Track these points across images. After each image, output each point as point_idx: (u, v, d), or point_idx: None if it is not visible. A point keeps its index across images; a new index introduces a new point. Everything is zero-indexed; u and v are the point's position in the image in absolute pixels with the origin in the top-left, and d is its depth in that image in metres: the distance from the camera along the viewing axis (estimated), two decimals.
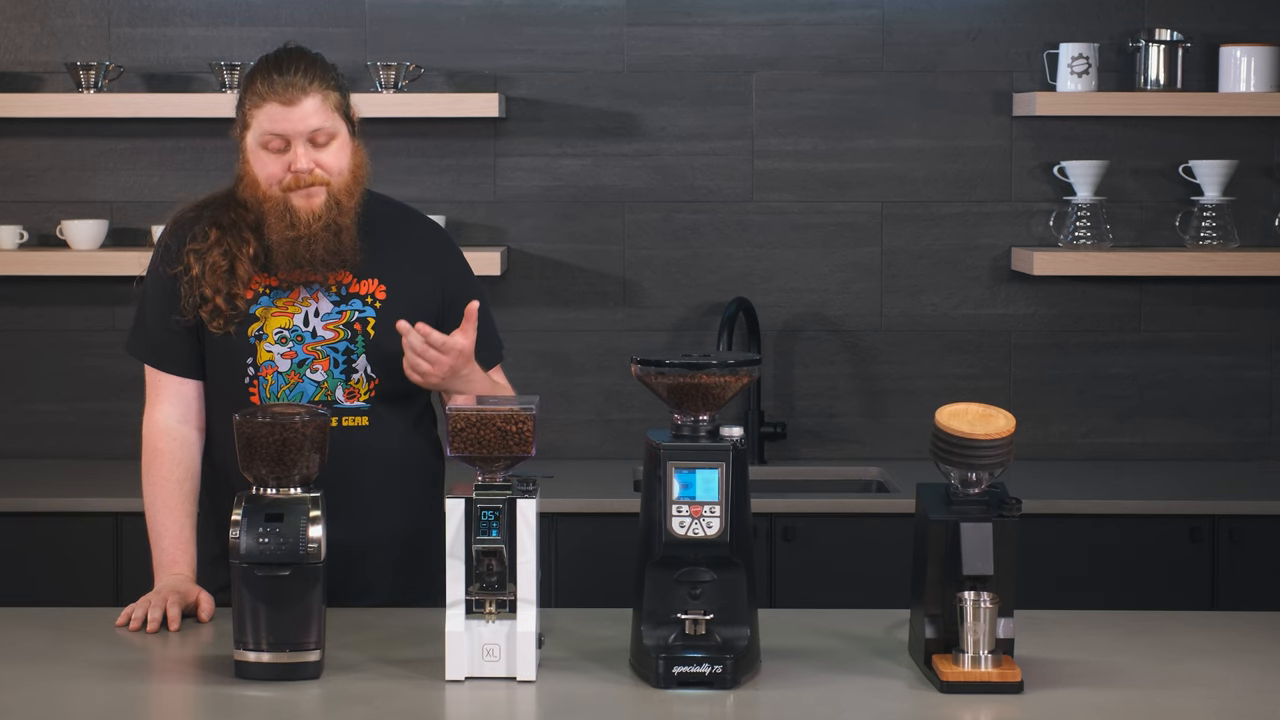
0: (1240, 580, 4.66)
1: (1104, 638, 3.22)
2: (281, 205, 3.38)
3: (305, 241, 3.38)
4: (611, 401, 5.23)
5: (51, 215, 5.15)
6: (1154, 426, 5.24)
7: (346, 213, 3.40)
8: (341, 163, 3.40)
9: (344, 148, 3.41)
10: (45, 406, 5.22)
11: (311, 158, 3.36)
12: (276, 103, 3.35)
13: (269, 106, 3.35)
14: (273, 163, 3.38)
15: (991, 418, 2.95)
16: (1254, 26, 5.15)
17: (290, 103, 3.34)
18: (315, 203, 3.37)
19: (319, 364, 3.43)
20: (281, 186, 3.38)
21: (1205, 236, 5.10)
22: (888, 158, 5.20)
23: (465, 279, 3.58)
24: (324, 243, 3.38)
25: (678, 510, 2.92)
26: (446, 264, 3.56)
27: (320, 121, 3.36)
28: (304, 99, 3.35)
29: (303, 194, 3.37)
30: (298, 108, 3.35)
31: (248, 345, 3.43)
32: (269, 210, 3.39)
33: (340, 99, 3.41)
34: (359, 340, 3.44)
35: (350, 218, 3.41)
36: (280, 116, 3.35)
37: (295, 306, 3.44)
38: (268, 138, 3.37)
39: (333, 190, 3.38)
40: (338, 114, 3.39)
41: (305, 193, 3.37)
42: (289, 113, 3.35)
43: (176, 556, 3.40)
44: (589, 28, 5.17)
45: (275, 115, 3.35)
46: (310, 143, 3.36)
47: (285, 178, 3.37)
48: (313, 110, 3.35)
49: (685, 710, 2.84)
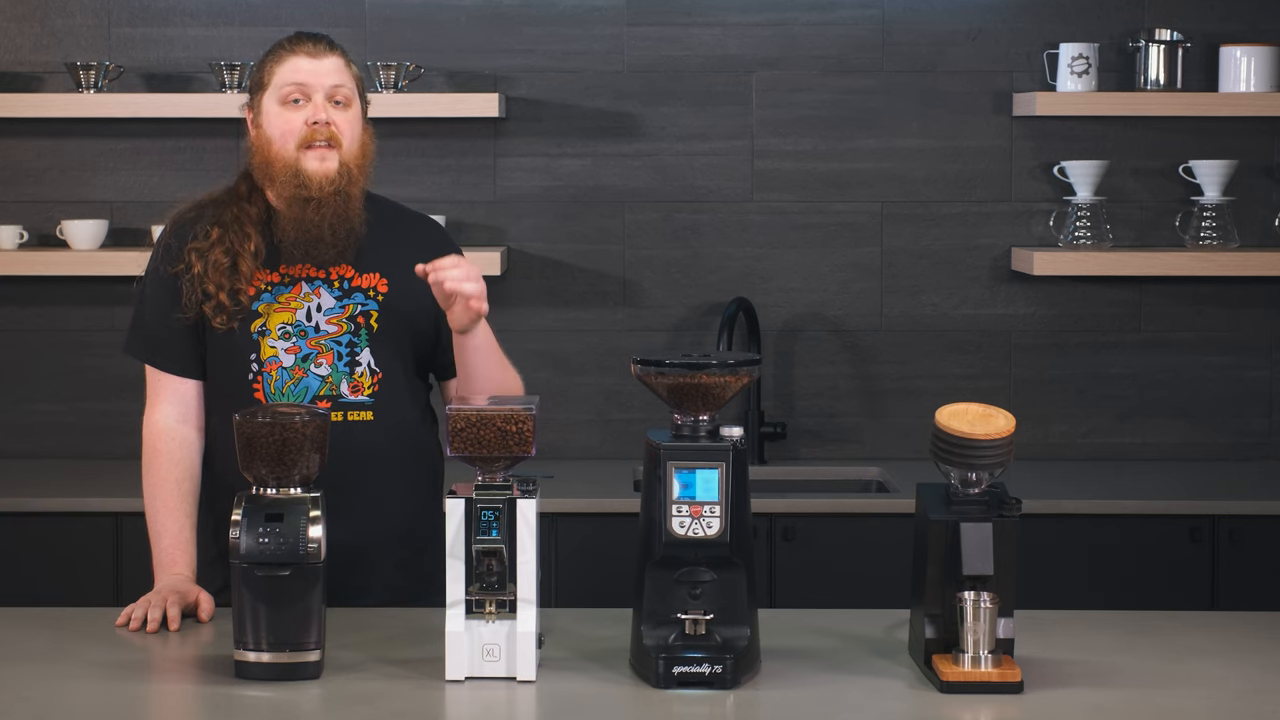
0: (1240, 580, 4.67)
1: (1104, 638, 3.22)
2: (293, 167, 3.39)
3: (315, 204, 3.39)
4: (611, 401, 5.23)
5: (51, 215, 5.15)
6: (1154, 426, 5.24)
7: (356, 184, 3.42)
8: (355, 131, 3.43)
9: (358, 120, 3.45)
10: (45, 406, 5.22)
11: (331, 113, 3.40)
12: (303, 55, 3.42)
13: (294, 59, 3.42)
14: (292, 116, 3.40)
15: (991, 418, 2.95)
16: (1254, 26, 5.15)
17: (315, 55, 3.42)
18: (328, 166, 3.39)
19: (323, 358, 3.43)
20: (297, 143, 3.39)
21: (1205, 236, 5.10)
22: (888, 158, 5.20)
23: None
24: (333, 207, 3.39)
25: (678, 510, 2.92)
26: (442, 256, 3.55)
27: (343, 80, 3.42)
28: (328, 55, 3.43)
29: (316, 155, 3.39)
30: (323, 61, 3.41)
31: (251, 342, 3.43)
32: (279, 172, 3.40)
33: (359, 77, 3.48)
34: (362, 334, 3.44)
35: (359, 191, 3.43)
36: (305, 67, 3.40)
37: (298, 302, 3.44)
38: (289, 89, 3.40)
39: (344, 158, 3.40)
40: (356, 85, 3.45)
41: (319, 154, 3.39)
42: (314, 64, 3.41)
43: (176, 556, 3.40)
44: (589, 28, 5.17)
45: (300, 66, 3.41)
46: (329, 99, 3.40)
47: (302, 132, 3.38)
48: (336, 67, 3.42)
49: (685, 710, 2.84)
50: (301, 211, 3.40)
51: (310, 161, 3.39)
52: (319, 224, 3.40)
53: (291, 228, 3.41)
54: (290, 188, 3.39)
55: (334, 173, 3.39)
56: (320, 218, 3.39)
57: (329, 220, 3.40)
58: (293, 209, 3.41)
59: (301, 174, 3.39)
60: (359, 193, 3.44)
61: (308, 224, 3.40)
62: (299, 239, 3.42)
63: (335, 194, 3.39)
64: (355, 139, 3.43)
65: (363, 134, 3.45)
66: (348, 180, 3.40)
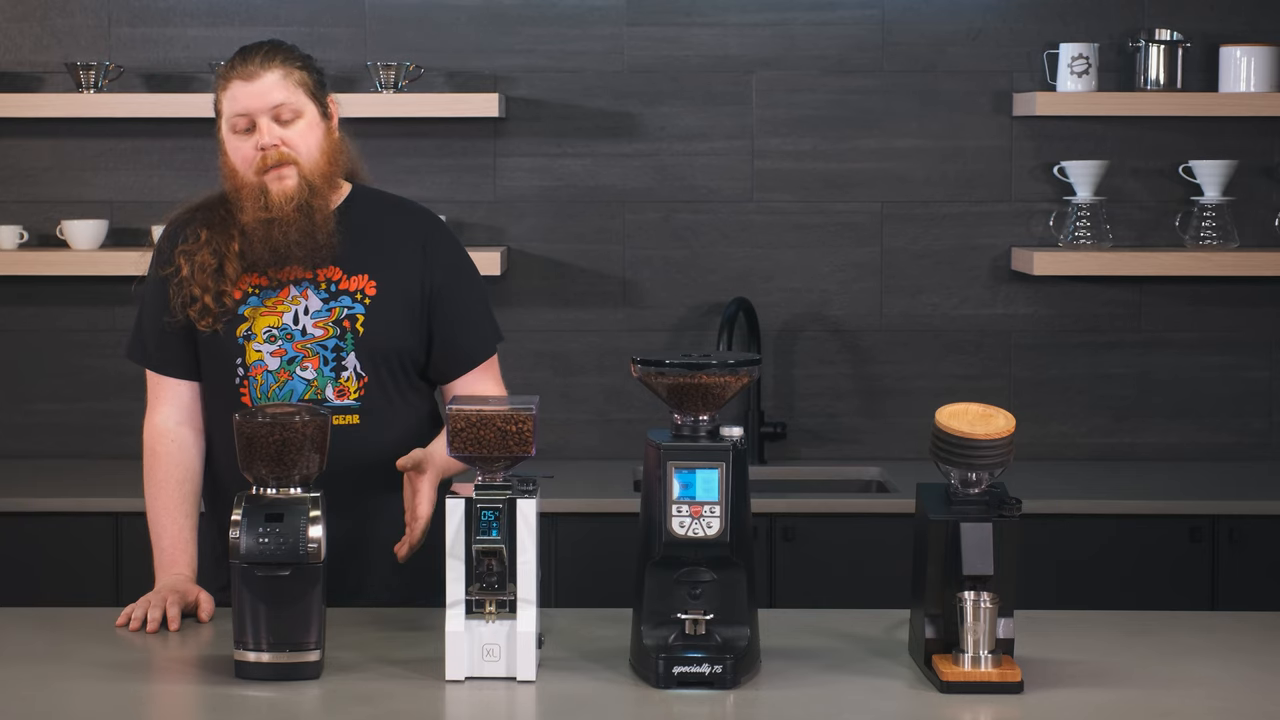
0: (1240, 580, 4.66)
1: (1104, 638, 3.22)
2: (258, 190, 3.38)
3: (279, 224, 3.38)
4: (611, 401, 5.23)
5: (51, 215, 5.15)
6: (1154, 426, 5.24)
7: (320, 195, 3.40)
8: (309, 142, 3.40)
9: (312, 128, 3.41)
10: (45, 406, 5.22)
11: (276, 134, 3.37)
12: (238, 80, 3.39)
13: (232, 87, 3.40)
14: (243, 145, 3.39)
15: (991, 418, 2.95)
16: (1254, 26, 5.15)
17: (250, 78, 3.38)
18: (287, 185, 3.38)
19: (308, 362, 3.42)
20: (254, 170, 3.38)
21: (1205, 236, 5.10)
22: (888, 158, 5.20)
23: (455, 269, 3.54)
24: (297, 225, 3.38)
25: (678, 510, 2.92)
26: (437, 256, 3.52)
27: (282, 96, 3.38)
28: (264, 73, 3.38)
29: (274, 175, 3.37)
30: (258, 82, 3.37)
31: (236, 346, 3.43)
32: (245, 196, 3.40)
33: (307, 78, 3.42)
34: (348, 338, 3.43)
35: (325, 201, 3.41)
36: (242, 94, 3.38)
37: (285, 305, 3.44)
38: (235, 119, 3.39)
39: (304, 171, 3.39)
40: (303, 92, 3.40)
41: (276, 174, 3.37)
42: (250, 88, 3.37)
43: (176, 557, 3.40)
44: (589, 28, 5.17)
45: (238, 94, 3.38)
46: (275, 120, 3.38)
47: (255, 159, 3.37)
48: (273, 84, 3.38)
49: (685, 710, 2.84)
50: (267, 231, 3.39)
51: (271, 182, 3.38)
52: (285, 243, 3.39)
53: (260, 246, 3.41)
54: (254, 209, 3.39)
55: (292, 190, 3.38)
56: (285, 236, 3.38)
57: (294, 238, 3.39)
58: (259, 229, 3.40)
59: (264, 194, 3.38)
60: (325, 199, 3.42)
61: (275, 243, 3.39)
62: (270, 258, 3.41)
63: (296, 210, 3.38)
64: (313, 148, 3.40)
65: (324, 138, 3.42)
66: (309, 193, 3.39)
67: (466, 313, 3.53)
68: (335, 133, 3.45)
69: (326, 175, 3.42)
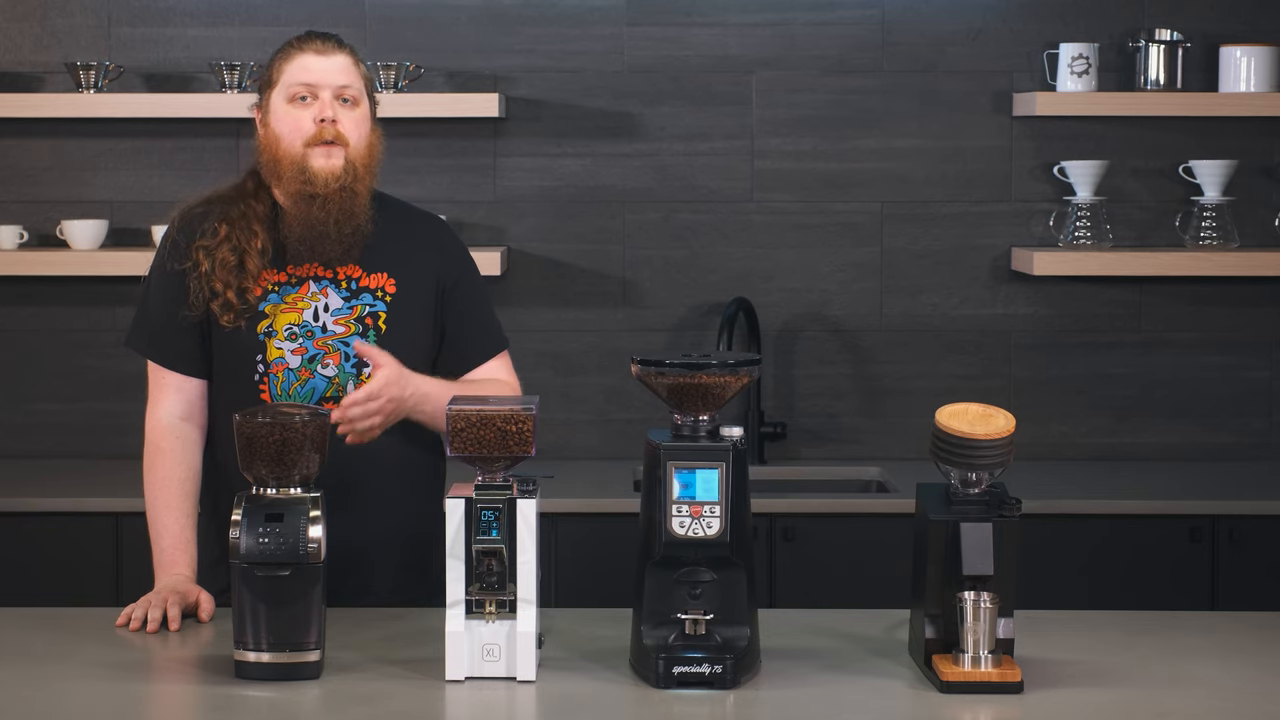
0: (1240, 580, 4.67)
1: (1104, 638, 3.22)
2: (300, 164, 3.39)
3: (320, 201, 3.38)
4: (611, 401, 5.23)
5: (51, 215, 5.15)
6: (1154, 426, 5.24)
7: (362, 182, 3.42)
8: (362, 131, 3.42)
9: (365, 120, 3.44)
10: (45, 406, 5.22)
11: (338, 111, 3.39)
12: (311, 53, 3.42)
13: (303, 57, 3.42)
14: (301, 113, 3.40)
15: (991, 418, 2.95)
16: (1254, 26, 5.15)
17: (323, 53, 3.42)
18: (334, 163, 3.39)
19: (329, 359, 3.42)
20: (304, 141, 3.38)
21: (1205, 236, 5.10)
22: (888, 158, 5.20)
23: (467, 268, 3.57)
24: (339, 204, 3.39)
25: (678, 510, 2.92)
26: (446, 253, 3.55)
27: (350, 79, 3.42)
28: (337, 54, 3.43)
29: (323, 151, 3.38)
30: (331, 59, 3.41)
31: (257, 342, 3.42)
32: (286, 169, 3.40)
33: (368, 76, 3.48)
34: (370, 335, 3.43)
35: (366, 189, 3.43)
36: (314, 65, 3.40)
37: (305, 302, 3.43)
38: (297, 88, 3.40)
39: (351, 156, 3.40)
40: (364, 84, 3.45)
41: (325, 150, 3.38)
42: (323, 62, 3.41)
43: (176, 556, 3.40)
44: (589, 28, 5.17)
45: (309, 64, 3.41)
46: (337, 98, 3.40)
47: (309, 130, 3.38)
48: (345, 66, 3.42)
49: (685, 710, 2.84)
50: (307, 208, 3.39)
51: (316, 158, 3.39)
52: (324, 221, 3.39)
53: (297, 224, 3.41)
54: (296, 184, 3.39)
55: (339, 169, 3.39)
56: (326, 214, 3.39)
57: (334, 217, 3.39)
58: (299, 206, 3.40)
59: (308, 170, 3.38)
60: (365, 190, 3.43)
61: (313, 221, 3.40)
62: (305, 235, 3.41)
63: (340, 190, 3.38)
64: (362, 138, 3.42)
65: (370, 134, 3.45)
66: (353, 177, 3.40)
67: (477, 309, 3.56)
68: (378, 133, 3.48)
69: (369, 168, 3.44)
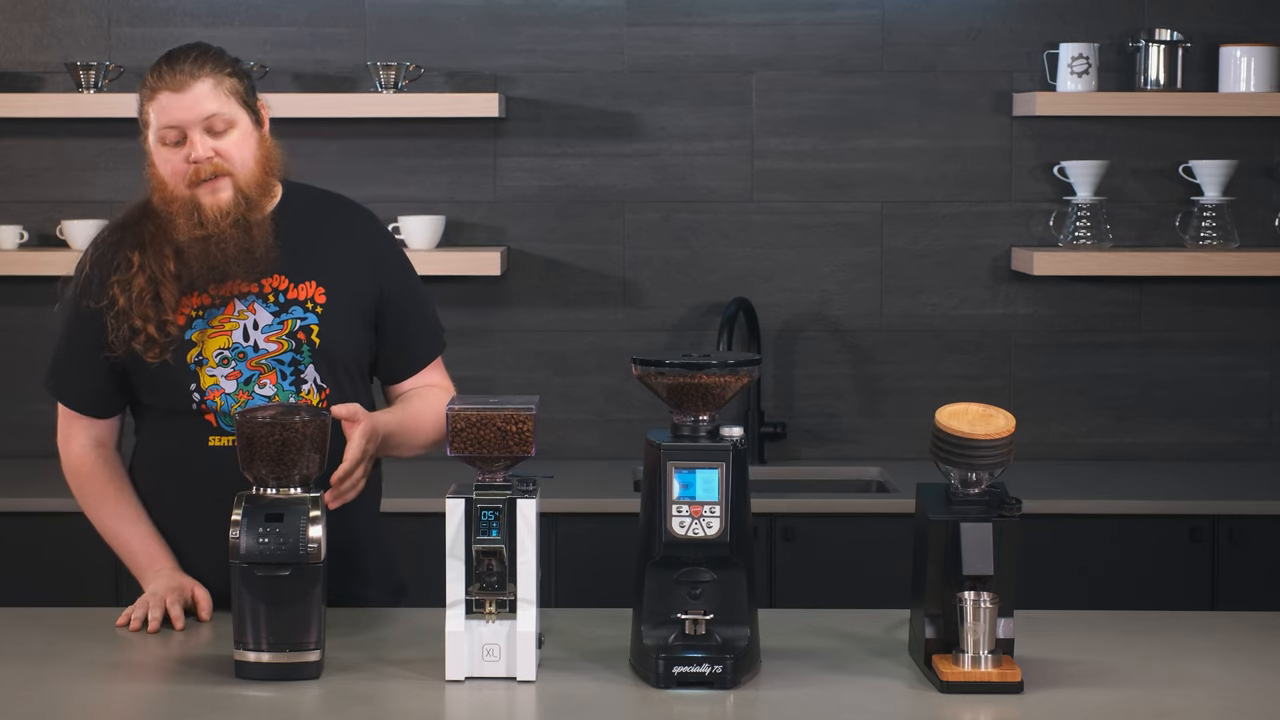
0: (1240, 580, 4.67)
1: (1104, 638, 3.22)
2: (190, 204, 3.26)
3: (215, 240, 3.25)
4: (611, 401, 5.23)
5: (51, 215, 5.15)
6: (1154, 426, 5.24)
7: (257, 208, 3.29)
8: (244, 153, 3.28)
9: (246, 137, 3.28)
10: (45, 406, 5.17)
11: (209, 146, 3.24)
12: (167, 91, 3.24)
13: (161, 97, 3.25)
14: (173, 157, 3.26)
15: (991, 418, 2.95)
16: (1254, 26, 5.15)
17: (180, 89, 3.24)
18: (222, 198, 3.26)
19: (266, 378, 3.32)
20: (186, 183, 3.25)
21: (1205, 236, 5.10)
22: (888, 158, 5.20)
23: (403, 269, 3.47)
24: (235, 240, 3.26)
25: (678, 510, 2.92)
26: (383, 257, 3.45)
27: (214, 107, 3.24)
28: (194, 84, 3.24)
29: (208, 189, 3.25)
30: (189, 93, 3.23)
31: (189, 373, 3.31)
32: (178, 211, 3.26)
33: (239, 86, 3.29)
34: (304, 350, 3.33)
35: (261, 212, 3.30)
36: (173, 105, 3.24)
37: (232, 322, 3.32)
38: (164, 131, 3.25)
39: (239, 183, 3.26)
40: (235, 100, 3.27)
41: (210, 187, 3.25)
42: (180, 99, 3.23)
43: (154, 554, 3.36)
44: (589, 28, 5.17)
45: (168, 104, 3.24)
46: (207, 131, 3.25)
47: (187, 171, 3.25)
48: (205, 95, 3.24)
49: (685, 710, 2.84)
50: (204, 247, 3.27)
51: (204, 196, 3.25)
52: (223, 260, 3.27)
53: (197, 262, 3.28)
54: (189, 226, 3.26)
55: (228, 204, 3.26)
56: (223, 252, 3.26)
57: (232, 254, 3.27)
58: (194, 247, 3.27)
59: (198, 210, 3.25)
60: (264, 218, 3.30)
61: (213, 260, 3.27)
62: (208, 271, 3.29)
63: (233, 225, 3.26)
64: (248, 159, 3.28)
65: (258, 147, 3.30)
66: (246, 207, 3.27)
67: (416, 312, 3.47)
68: (268, 139, 3.33)
69: (262, 184, 3.31)
